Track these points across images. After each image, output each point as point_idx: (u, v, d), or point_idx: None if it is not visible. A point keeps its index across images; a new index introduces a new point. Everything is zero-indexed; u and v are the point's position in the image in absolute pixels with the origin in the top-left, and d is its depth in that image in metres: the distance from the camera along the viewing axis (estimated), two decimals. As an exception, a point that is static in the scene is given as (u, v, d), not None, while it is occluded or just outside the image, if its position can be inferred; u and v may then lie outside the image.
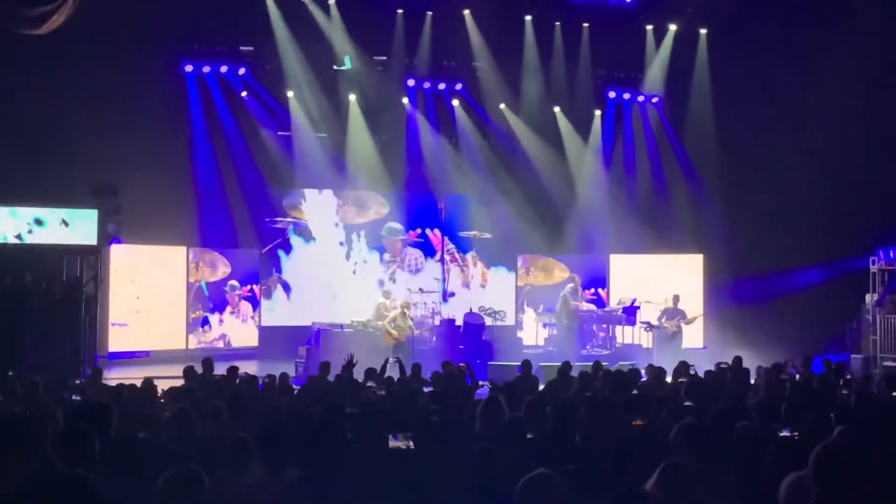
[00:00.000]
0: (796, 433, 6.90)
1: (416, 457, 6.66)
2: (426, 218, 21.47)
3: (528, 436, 6.58)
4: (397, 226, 21.37)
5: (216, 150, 19.69)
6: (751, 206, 19.57)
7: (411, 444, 6.69)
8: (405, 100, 20.88)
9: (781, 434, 6.98)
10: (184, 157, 19.27)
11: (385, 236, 21.34)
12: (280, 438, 5.50)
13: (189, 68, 19.35)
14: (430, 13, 19.92)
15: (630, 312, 18.60)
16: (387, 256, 21.37)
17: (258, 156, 20.06)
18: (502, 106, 21.10)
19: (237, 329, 20.05)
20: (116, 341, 18.05)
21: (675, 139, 21.59)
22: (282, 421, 7.05)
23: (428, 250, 21.57)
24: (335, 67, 19.63)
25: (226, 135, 19.80)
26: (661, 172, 21.63)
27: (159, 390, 10.09)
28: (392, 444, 6.89)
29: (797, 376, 11.57)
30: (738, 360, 12.39)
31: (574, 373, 11.09)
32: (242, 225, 20.15)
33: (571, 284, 19.59)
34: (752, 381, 11.58)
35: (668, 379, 11.43)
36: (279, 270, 20.62)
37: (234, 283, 20.06)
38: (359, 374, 11.13)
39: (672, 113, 21.60)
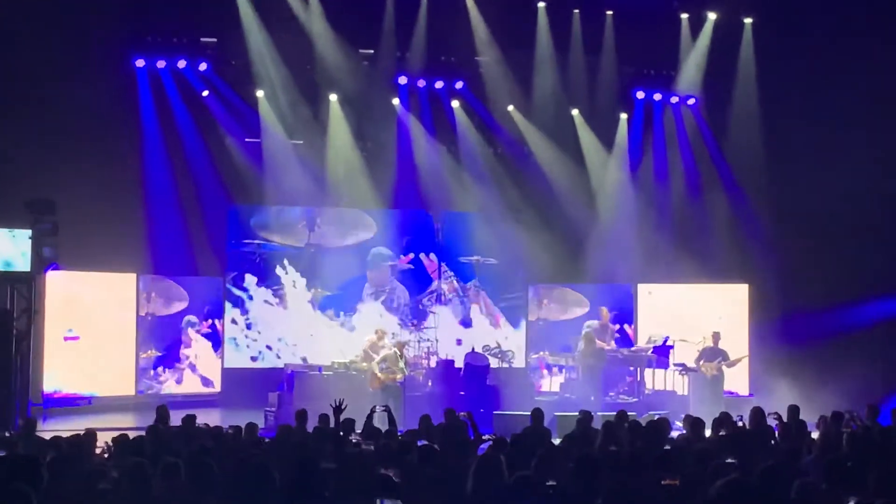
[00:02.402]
0: (863, 499, 6.87)
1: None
2: (420, 240, 21.54)
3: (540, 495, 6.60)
4: (385, 251, 21.37)
5: (172, 159, 19.71)
6: (804, 227, 19.51)
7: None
8: (396, 101, 20.95)
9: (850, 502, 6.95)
10: (134, 168, 19.29)
11: (371, 262, 21.31)
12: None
13: (140, 63, 19.33)
14: (425, -1, 20.06)
15: (662, 353, 18.60)
16: (368, 287, 21.32)
17: (222, 166, 20.14)
18: (511, 108, 21.19)
19: (195, 372, 20.05)
20: (53, 383, 18.01)
21: (714, 147, 21.61)
22: (249, 481, 7.06)
23: (422, 278, 21.58)
24: None
25: (183, 141, 19.86)
26: (698, 186, 21.62)
27: (102, 443, 10.10)
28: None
29: (858, 429, 11.56)
30: (794, 409, 12.36)
31: (597, 424, 11.10)
32: (202, 248, 20.22)
33: (596, 321, 19.58)
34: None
35: (707, 432, 11.43)
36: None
37: (192, 317, 20.08)
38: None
39: (711, 116, 21.64)
